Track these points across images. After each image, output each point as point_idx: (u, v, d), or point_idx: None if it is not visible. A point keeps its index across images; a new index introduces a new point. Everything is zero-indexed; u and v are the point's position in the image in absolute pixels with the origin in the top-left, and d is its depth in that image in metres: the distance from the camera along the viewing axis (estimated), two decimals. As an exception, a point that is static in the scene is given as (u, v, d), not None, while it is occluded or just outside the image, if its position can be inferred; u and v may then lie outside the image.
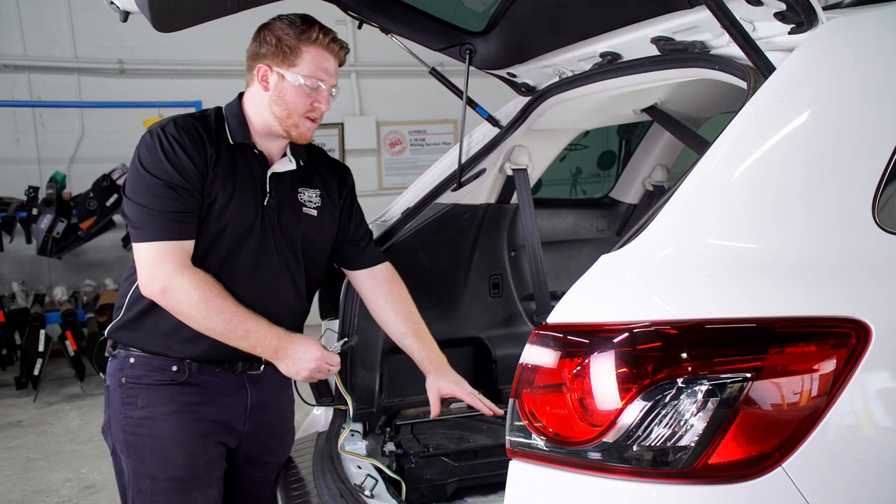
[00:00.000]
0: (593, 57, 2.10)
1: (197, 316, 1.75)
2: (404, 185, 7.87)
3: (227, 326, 1.76)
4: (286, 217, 1.94)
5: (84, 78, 7.30)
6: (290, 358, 1.81)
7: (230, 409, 1.92)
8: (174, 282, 1.73)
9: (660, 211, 1.27)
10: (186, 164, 1.77)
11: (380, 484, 1.90)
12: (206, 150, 1.81)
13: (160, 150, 1.77)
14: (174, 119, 1.84)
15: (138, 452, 1.85)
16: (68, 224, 6.16)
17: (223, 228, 1.83)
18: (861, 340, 1.10)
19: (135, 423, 1.85)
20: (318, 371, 1.85)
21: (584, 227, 3.02)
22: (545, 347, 1.23)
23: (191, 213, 1.78)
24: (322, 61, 1.83)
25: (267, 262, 1.90)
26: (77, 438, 4.77)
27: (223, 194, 1.82)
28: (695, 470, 1.09)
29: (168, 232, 1.75)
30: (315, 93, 1.83)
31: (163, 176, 1.75)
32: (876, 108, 1.29)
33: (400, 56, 2.47)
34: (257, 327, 1.78)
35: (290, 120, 1.84)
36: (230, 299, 1.77)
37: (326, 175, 2.07)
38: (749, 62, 1.47)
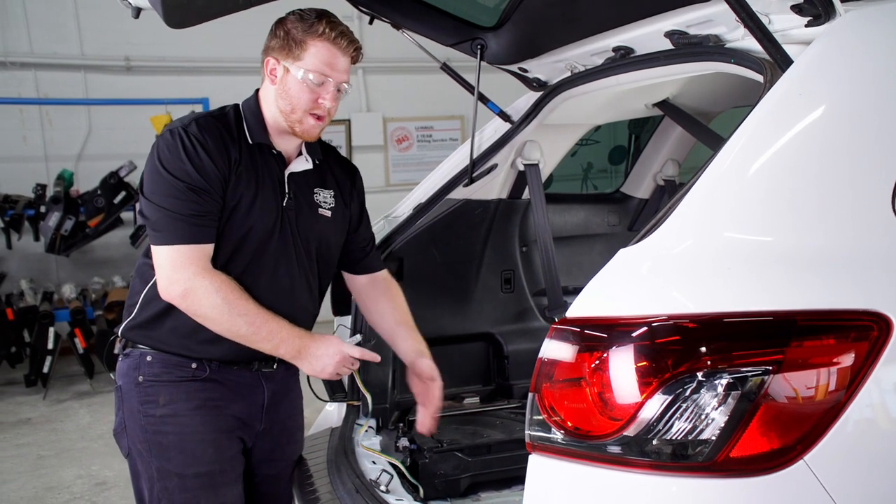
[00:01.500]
0: (606, 51, 2.10)
1: (220, 319, 1.73)
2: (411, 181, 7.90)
3: (250, 329, 1.74)
4: (304, 218, 1.92)
5: (91, 75, 7.31)
6: (315, 356, 1.80)
7: (249, 406, 1.92)
8: (195, 285, 1.71)
9: (677, 205, 1.27)
10: (209, 167, 1.74)
11: (395, 479, 1.91)
12: (229, 151, 1.78)
13: (182, 150, 1.73)
14: (196, 118, 1.80)
15: (163, 451, 1.82)
16: (76, 222, 6.16)
17: (248, 230, 1.81)
18: (882, 333, 1.10)
19: (157, 422, 1.82)
20: (343, 367, 1.84)
21: (596, 222, 3.01)
22: (564, 342, 1.23)
23: (211, 216, 1.75)
24: (328, 56, 1.78)
25: (287, 263, 1.89)
26: (87, 435, 4.79)
27: (247, 195, 1.80)
28: (716, 463, 1.09)
29: (188, 235, 1.72)
30: (320, 88, 1.79)
31: (184, 178, 1.72)
32: (893, 101, 1.28)
33: (406, 52, 2.47)
34: (280, 329, 1.77)
35: (293, 115, 1.81)
36: (252, 301, 1.76)
37: (340, 175, 2.06)
38: (765, 55, 1.47)
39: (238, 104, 1.91)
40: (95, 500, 3.78)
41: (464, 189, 2.53)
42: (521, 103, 2.58)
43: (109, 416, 5.33)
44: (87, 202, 6.18)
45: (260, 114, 1.87)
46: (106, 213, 6.18)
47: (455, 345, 2.67)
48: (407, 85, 8.36)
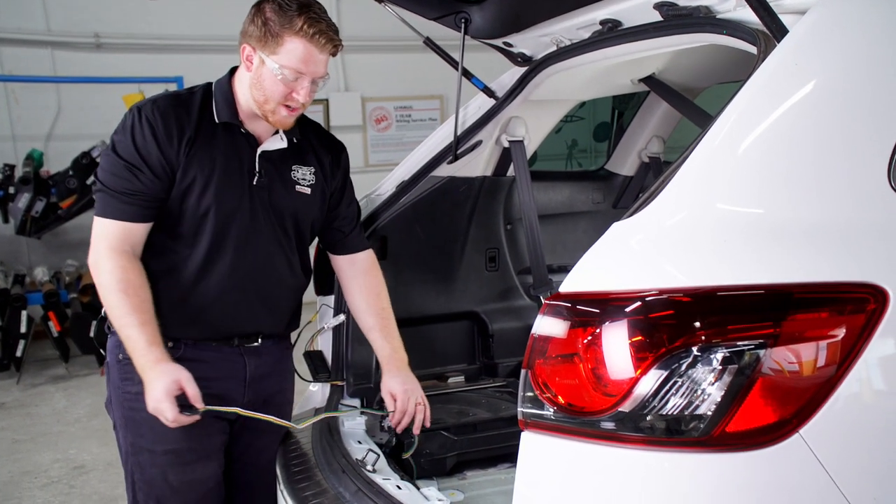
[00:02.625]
0: (593, 25, 2.06)
1: (103, 300, 1.79)
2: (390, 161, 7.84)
3: (116, 322, 1.78)
4: (278, 196, 1.92)
5: (58, 52, 7.11)
6: (146, 384, 1.74)
7: (227, 381, 1.93)
8: (98, 261, 1.78)
9: (672, 178, 1.25)
10: (151, 148, 1.77)
11: (381, 458, 1.89)
12: (182, 134, 1.79)
13: (130, 130, 1.78)
14: (155, 99, 1.84)
15: (136, 426, 1.87)
16: (47, 203, 6.04)
17: (207, 210, 1.82)
18: (879, 305, 1.09)
19: (132, 398, 1.84)
20: (157, 413, 1.73)
21: (580, 199, 3.00)
22: (557, 317, 1.21)
23: (145, 196, 1.78)
24: (304, 54, 1.75)
25: (259, 240, 1.90)
26: (64, 419, 4.71)
27: (201, 176, 1.81)
28: (712, 438, 1.08)
29: (113, 211, 1.77)
30: (293, 83, 1.78)
31: (125, 155, 1.77)
32: (891, 70, 1.27)
33: (385, 31, 2.43)
34: (137, 338, 1.73)
35: (267, 106, 1.81)
36: (136, 299, 1.74)
37: (322, 152, 2.04)
38: (759, 26, 1.44)
39: (210, 83, 1.91)
40: (73, 484, 3.73)
41: (448, 166, 2.49)
42: (505, 79, 2.54)
43: (86, 399, 5.28)
44: (59, 183, 6.05)
45: (231, 95, 1.87)
46: (79, 194, 6.05)
47: (439, 324, 2.64)
48: (386, 64, 8.26)
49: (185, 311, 1.85)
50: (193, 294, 1.86)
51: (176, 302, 1.85)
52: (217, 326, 1.89)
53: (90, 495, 3.60)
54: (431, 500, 1.70)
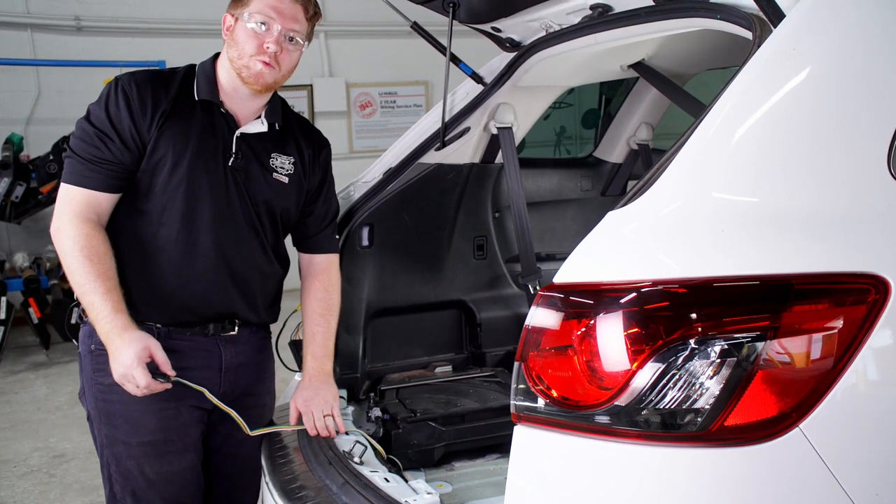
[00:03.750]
0: (583, 9, 2.03)
1: (65, 267, 1.76)
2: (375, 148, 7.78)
3: (78, 290, 1.74)
4: (254, 180, 1.90)
5: (38, 35, 6.98)
6: (111, 352, 1.71)
7: (202, 371, 1.89)
8: (62, 226, 1.75)
9: (667, 166, 1.22)
10: (124, 120, 1.76)
11: (368, 451, 1.86)
12: (156, 107, 1.79)
13: (105, 99, 1.79)
14: (134, 72, 1.85)
15: (111, 418, 1.85)
16: (27, 188, 5.94)
17: (178, 186, 1.81)
18: (880, 296, 1.06)
19: (105, 390, 1.82)
20: (125, 379, 1.71)
21: (569, 187, 2.97)
22: (550, 309, 1.18)
23: (111, 165, 1.77)
24: (272, 1, 1.78)
25: (232, 222, 1.88)
26: (44, 407, 4.65)
27: (173, 152, 1.80)
28: (710, 433, 1.06)
29: (78, 177, 1.76)
30: (265, 33, 1.78)
31: (97, 123, 1.77)
32: (890, 55, 1.24)
33: (370, 16, 2.40)
34: (101, 305, 1.70)
35: (240, 61, 1.80)
36: (99, 265, 1.72)
37: (304, 144, 2.02)
38: (754, 10, 1.41)
39: (194, 64, 1.91)
40: (54, 473, 3.68)
41: (436, 153, 2.45)
42: (493, 65, 2.50)
43: (67, 387, 5.22)
44: (39, 168, 5.95)
45: (213, 74, 1.88)
46: (59, 178, 5.92)
47: (426, 312, 2.61)
48: (370, 49, 8.18)
49: (156, 292, 1.83)
50: (164, 274, 1.82)
51: (146, 282, 1.82)
52: (190, 309, 1.86)
53: (71, 484, 3.56)
54: (419, 492, 1.67)
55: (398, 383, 2.44)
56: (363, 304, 2.41)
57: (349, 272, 2.34)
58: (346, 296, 2.25)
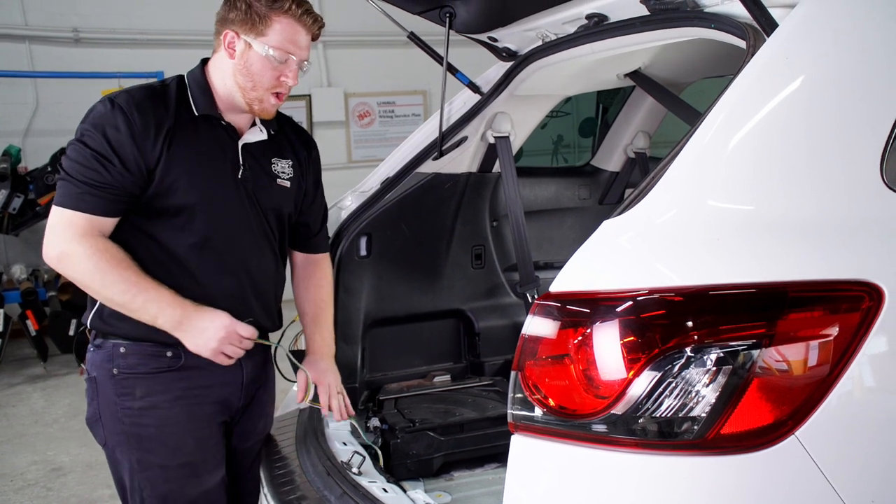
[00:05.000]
0: (579, 19, 2.04)
1: (93, 286, 1.67)
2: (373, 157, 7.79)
3: (124, 297, 1.66)
4: (262, 189, 1.87)
5: (36, 47, 6.99)
6: (197, 328, 1.69)
7: (228, 387, 1.86)
8: (70, 250, 1.65)
9: (662, 174, 1.22)
10: (126, 143, 1.66)
11: (367, 461, 1.85)
12: (160, 127, 1.70)
13: (101, 118, 1.68)
14: (129, 91, 1.74)
15: (143, 442, 1.77)
16: (25, 199, 5.94)
17: (195, 205, 1.74)
18: (874, 303, 1.07)
19: (135, 414, 1.76)
20: (228, 342, 1.71)
21: (566, 195, 2.98)
22: (547, 318, 1.18)
23: (113, 189, 1.67)
24: (293, 34, 1.73)
25: (249, 235, 1.84)
26: (42, 420, 4.63)
27: (185, 171, 1.73)
28: (706, 441, 1.06)
29: (76, 201, 1.65)
30: (283, 66, 1.74)
31: (93, 145, 1.66)
32: (883, 63, 1.25)
33: (368, 26, 2.41)
34: (158, 297, 1.67)
35: (254, 93, 1.75)
36: (132, 269, 1.67)
37: (298, 145, 2.00)
38: (748, 20, 1.42)
39: (182, 75, 1.83)
40: (51, 487, 3.66)
41: (433, 162, 2.46)
42: (490, 74, 2.51)
43: (64, 399, 5.17)
44: (37, 179, 5.94)
45: (207, 86, 1.80)
46: (57, 191, 5.95)
47: (425, 322, 2.62)
48: (368, 59, 8.20)
49: None
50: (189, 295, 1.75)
51: None
52: None
53: (68, 498, 3.54)
54: (418, 503, 1.67)
55: (397, 393, 2.44)
56: (361, 314, 2.42)
57: (347, 282, 2.34)
58: (344, 306, 2.26)
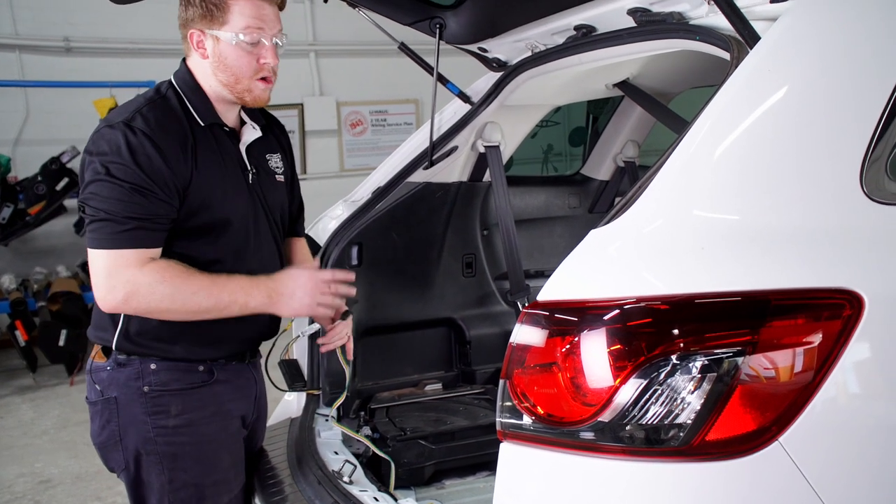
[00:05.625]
0: (567, 30, 2.06)
1: (174, 307, 1.61)
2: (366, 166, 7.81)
3: (210, 300, 1.62)
4: (269, 190, 1.85)
5: (27, 56, 6.98)
6: (289, 295, 1.68)
7: (244, 401, 1.86)
8: (136, 285, 1.57)
9: (648, 184, 1.24)
10: (157, 164, 1.59)
11: (358, 469, 1.86)
12: (185, 143, 1.64)
13: (126, 147, 1.57)
14: (139, 110, 1.63)
15: (178, 461, 1.71)
16: (15, 209, 5.93)
17: (225, 220, 1.70)
18: (855, 311, 1.09)
19: (170, 432, 1.70)
20: (322, 295, 1.72)
21: (556, 204, 3.00)
22: (535, 326, 1.19)
23: (159, 218, 1.60)
24: (255, 9, 1.64)
25: (267, 241, 1.82)
26: (31, 432, 4.60)
27: (213, 186, 1.67)
28: (692, 447, 1.07)
29: (129, 240, 1.57)
30: (257, 48, 1.66)
31: (128, 178, 1.56)
32: (861, 75, 1.28)
33: (359, 35, 2.43)
34: (240, 286, 1.65)
35: (239, 85, 1.69)
36: (198, 273, 1.63)
37: (278, 133, 1.96)
38: (732, 32, 1.45)
39: (171, 82, 1.75)
40: (39, 500, 3.64)
41: (424, 172, 2.48)
42: (480, 84, 2.53)
43: (54, 410, 5.14)
44: (27, 189, 5.94)
45: (200, 89, 1.72)
46: (48, 200, 5.95)
47: (416, 331, 2.63)
48: (360, 68, 8.23)
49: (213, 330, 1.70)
50: None
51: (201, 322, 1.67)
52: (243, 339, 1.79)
53: (58, 510, 3.52)
54: (409, 511, 1.67)
55: (388, 401, 2.45)
56: (353, 323, 2.42)
57: (338, 291, 2.34)
58: (336, 314, 2.26)
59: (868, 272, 1.13)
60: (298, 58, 7.89)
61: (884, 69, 1.26)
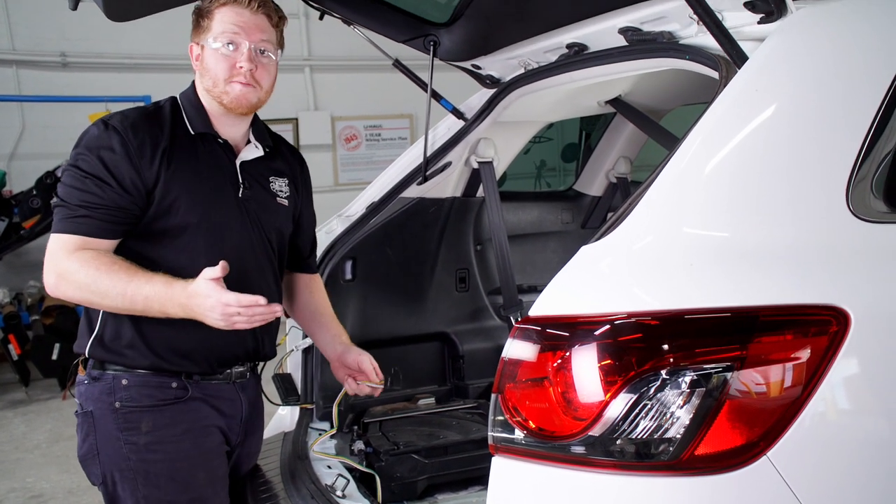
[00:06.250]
0: (560, 48, 2.09)
1: (92, 298, 1.63)
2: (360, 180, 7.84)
3: (124, 301, 1.61)
4: (263, 208, 1.85)
5: (23, 71, 7.02)
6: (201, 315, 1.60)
7: (230, 419, 1.83)
8: (63, 269, 1.62)
9: (638, 201, 1.26)
10: (121, 164, 1.64)
11: (351, 484, 1.86)
12: (155, 147, 1.68)
13: (96, 140, 1.66)
14: (123, 112, 1.73)
15: (151, 478, 1.70)
16: (9, 223, 5.93)
17: (196, 224, 1.71)
18: (841, 327, 1.11)
19: (142, 449, 1.70)
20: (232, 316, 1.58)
21: (549, 219, 3.02)
22: (526, 341, 1.21)
23: (111, 209, 1.64)
24: (233, 17, 1.71)
25: (253, 256, 1.81)
26: (22, 446, 4.57)
27: (186, 191, 1.70)
28: (681, 462, 1.08)
29: (75, 225, 1.63)
30: (234, 53, 1.71)
31: (88, 168, 1.64)
32: (846, 96, 1.30)
33: (354, 50, 2.45)
34: (156, 294, 1.60)
35: (216, 88, 1.73)
36: (124, 270, 1.62)
37: (292, 162, 1.99)
38: (721, 52, 1.47)
39: (174, 96, 1.83)
40: (32, 515, 3.62)
41: (417, 187, 2.50)
42: (474, 101, 2.56)
43: (46, 424, 5.11)
44: (22, 203, 5.94)
45: (200, 104, 1.79)
46: (42, 214, 5.94)
47: (410, 345, 2.64)
48: (355, 83, 8.28)
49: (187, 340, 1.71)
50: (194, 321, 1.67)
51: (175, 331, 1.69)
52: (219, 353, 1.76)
53: (50, 525, 3.50)
54: (402, 526, 1.68)
55: (381, 416, 2.45)
56: None
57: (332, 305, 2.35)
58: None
59: (854, 289, 1.15)
60: (293, 72, 7.94)
61: (869, 89, 1.29)
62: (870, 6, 1.49)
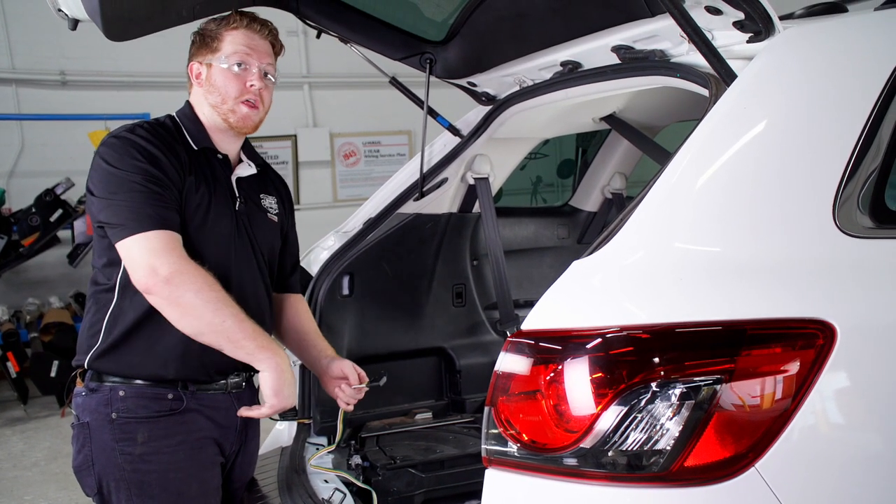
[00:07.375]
0: (554, 66, 2.12)
1: (205, 307, 1.62)
2: (359, 196, 7.87)
3: (234, 321, 1.64)
4: (257, 223, 1.89)
5: (23, 89, 7.06)
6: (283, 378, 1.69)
7: (225, 430, 1.84)
8: (182, 268, 1.60)
9: (629, 217, 1.28)
10: (163, 160, 1.68)
11: (348, 498, 1.87)
12: (177, 153, 1.73)
13: (133, 148, 1.67)
14: (137, 124, 1.76)
15: (145, 488, 1.72)
16: (8, 241, 5.95)
17: (208, 237, 1.75)
18: (827, 341, 1.13)
19: (136, 460, 1.71)
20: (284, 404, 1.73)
21: (545, 235, 3.04)
22: (519, 354, 1.22)
23: (175, 205, 1.67)
24: (246, 40, 1.79)
25: (249, 271, 1.84)
26: (20, 464, 4.56)
27: (203, 202, 1.74)
28: (671, 473, 1.10)
29: (161, 221, 1.62)
30: (245, 73, 1.78)
31: (140, 172, 1.65)
32: (832, 113, 1.33)
33: (353, 67, 2.47)
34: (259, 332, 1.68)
35: (224, 106, 1.78)
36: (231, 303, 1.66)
37: (278, 185, 2.05)
38: (710, 70, 1.50)
39: (171, 114, 1.86)
40: (29, 532, 3.61)
41: (414, 203, 2.52)
42: (470, 117, 2.59)
43: (44, 442, 5.11)
44: (21, 221, 5.97)
45: (197, 118, 1.83)
46: (41, 231, 5.97)
47: (407, 360, 2.65)
48: (354, 100, 8.33)
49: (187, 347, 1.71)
50: None
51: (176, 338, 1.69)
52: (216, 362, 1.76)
53: (47, 543, 3.49)
54: (398, 540, 1.68)
55: (378, 430, 2.46)
56: (343, 353, 2.44)
57: (330, 321, 2.38)
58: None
59: (840, 303, 1.17)
60: (292, 90, 8.00)
61: (854, 108, 1.31)
62: (856, 26, 1.52)
